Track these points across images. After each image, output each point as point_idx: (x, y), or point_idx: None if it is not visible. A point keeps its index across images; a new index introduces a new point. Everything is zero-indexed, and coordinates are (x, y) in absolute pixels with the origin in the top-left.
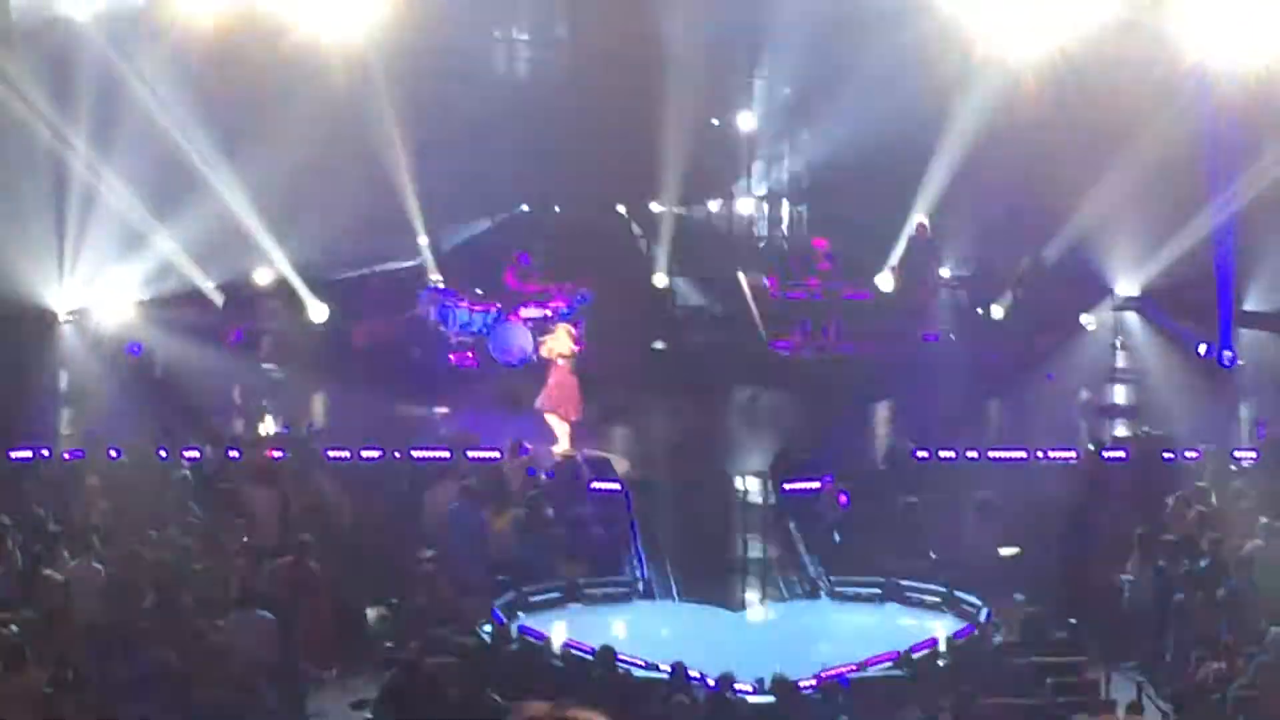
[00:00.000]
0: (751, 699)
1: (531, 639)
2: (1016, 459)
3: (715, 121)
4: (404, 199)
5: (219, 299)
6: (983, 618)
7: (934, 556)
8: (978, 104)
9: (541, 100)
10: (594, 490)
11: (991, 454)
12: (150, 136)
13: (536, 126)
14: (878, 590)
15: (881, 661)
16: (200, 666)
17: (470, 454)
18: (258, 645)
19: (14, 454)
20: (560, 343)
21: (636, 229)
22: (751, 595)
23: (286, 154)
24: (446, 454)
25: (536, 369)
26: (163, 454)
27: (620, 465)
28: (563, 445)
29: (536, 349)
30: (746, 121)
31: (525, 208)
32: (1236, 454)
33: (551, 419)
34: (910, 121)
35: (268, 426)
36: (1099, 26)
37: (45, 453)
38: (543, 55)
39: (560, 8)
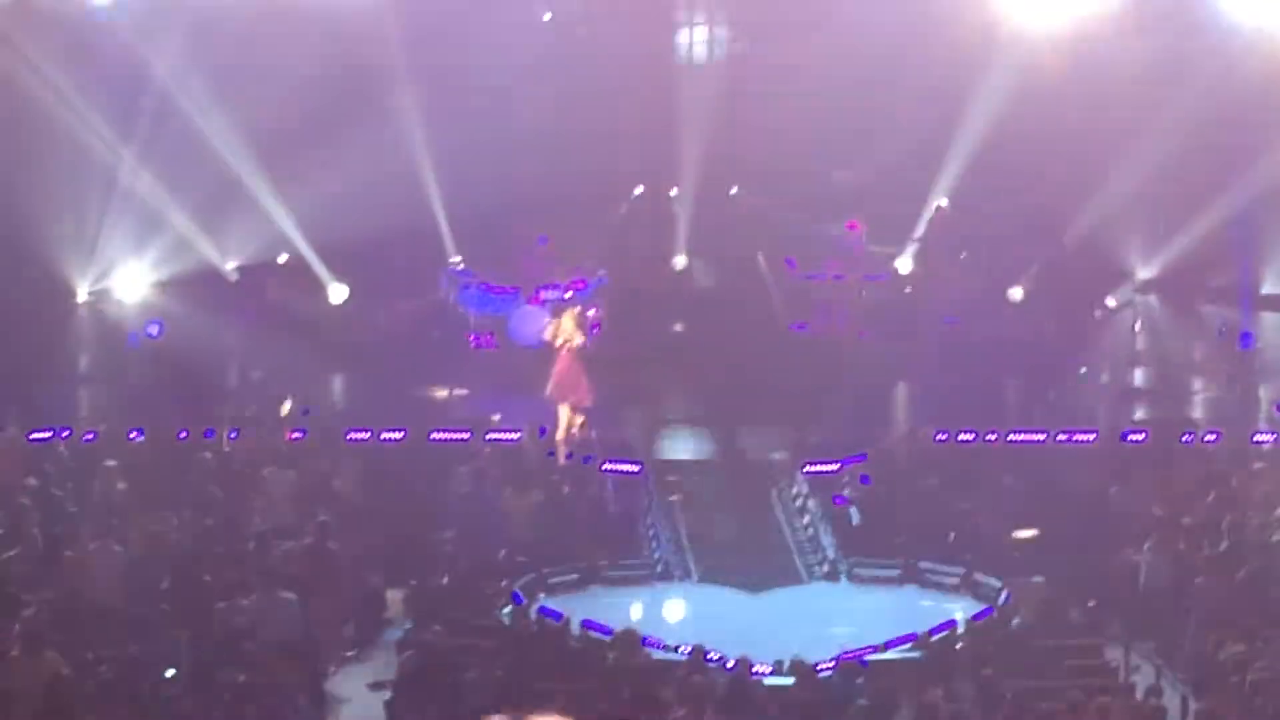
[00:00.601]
0: (770, 680)
1: (551, 620)
2: (1036, 441)
3: None
4: (424, 179)
5: (235, 278)
6: (1001, 600)
7: (952, 538)
8: (997, 84)
9: (562, 76)
10: (612, 472)
11: (1011, 436)
12: (169, 117)
13: (557, 103)
14: (896, 572)
15: (900, 643)
16: (220, 647)
17: (489, 435)
18: (278, 626)
19: (34, 435)
20: (566, 328)
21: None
22: (770, 577)
23: (306, 133)
24: (466, 435)
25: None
26: (182, 435)
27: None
28: (570, 432)
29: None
30: None
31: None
32: (1256, 437)
33: (562, 409)
34: (930, 103)
35: (286, 407)
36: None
37: (65, 434)
38: (565, 29)
39: None
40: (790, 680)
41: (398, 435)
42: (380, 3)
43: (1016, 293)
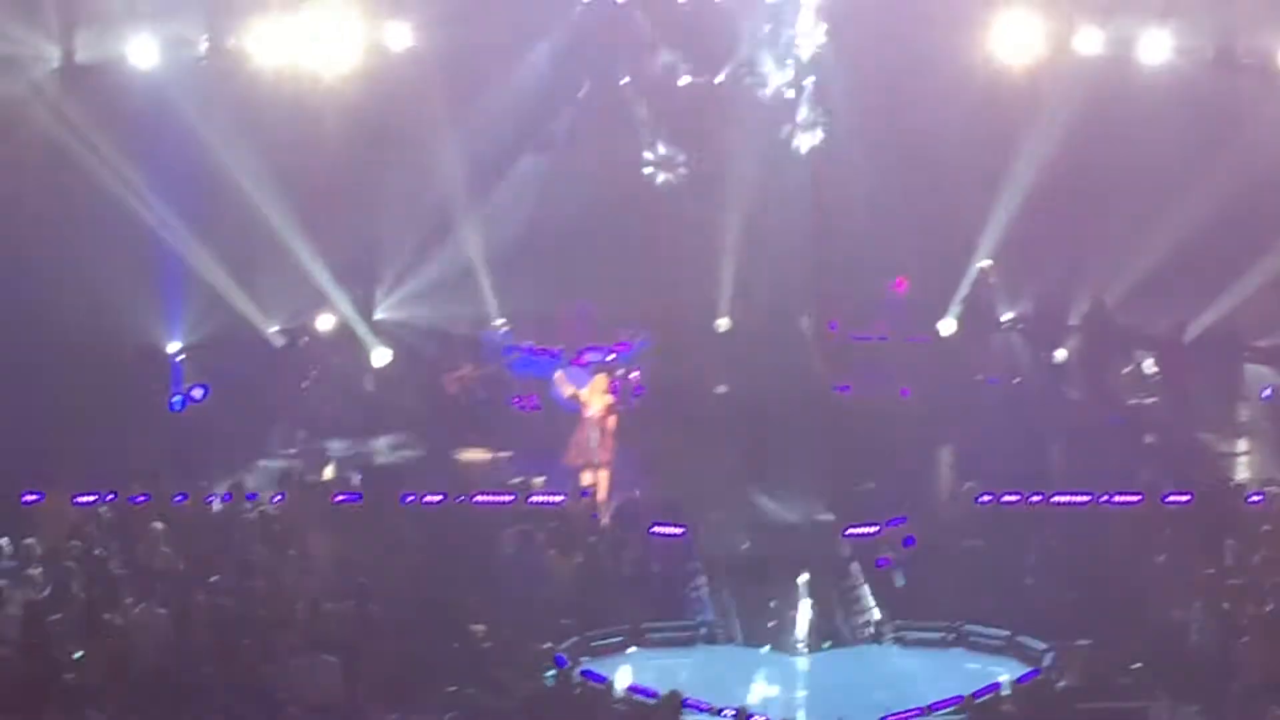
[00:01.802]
0: None
1: (594, 683)
2: (1080, 502)
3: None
4: (467, 242)
5: (280, 342)
6: (1047, 662)
7: (996, 599)
8: (1040, 145)
9: (605, 138)
10: (657, 533)
11: (1055, 498)
12: (213, 180)
13: (599, 166)
14: (941, 634)
15: (945, 706)
16: (263, 710)
17: (533, 498)
18: (321, 688)
19: (79, 498)
20: (594, 392)
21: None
22: (815, 639)
23: (349, 196)
24: (510, 497)
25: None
26: (226, 497)
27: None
28: (597, 496)
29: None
30: None
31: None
32: None
33: (586, 474)
34: (974, 164)
35: (329, 470)
36: (1165, 62)
37: (110, 496)
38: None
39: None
40: None
41: (441, 497)
42: (422, 63)
43: (1061, 353)
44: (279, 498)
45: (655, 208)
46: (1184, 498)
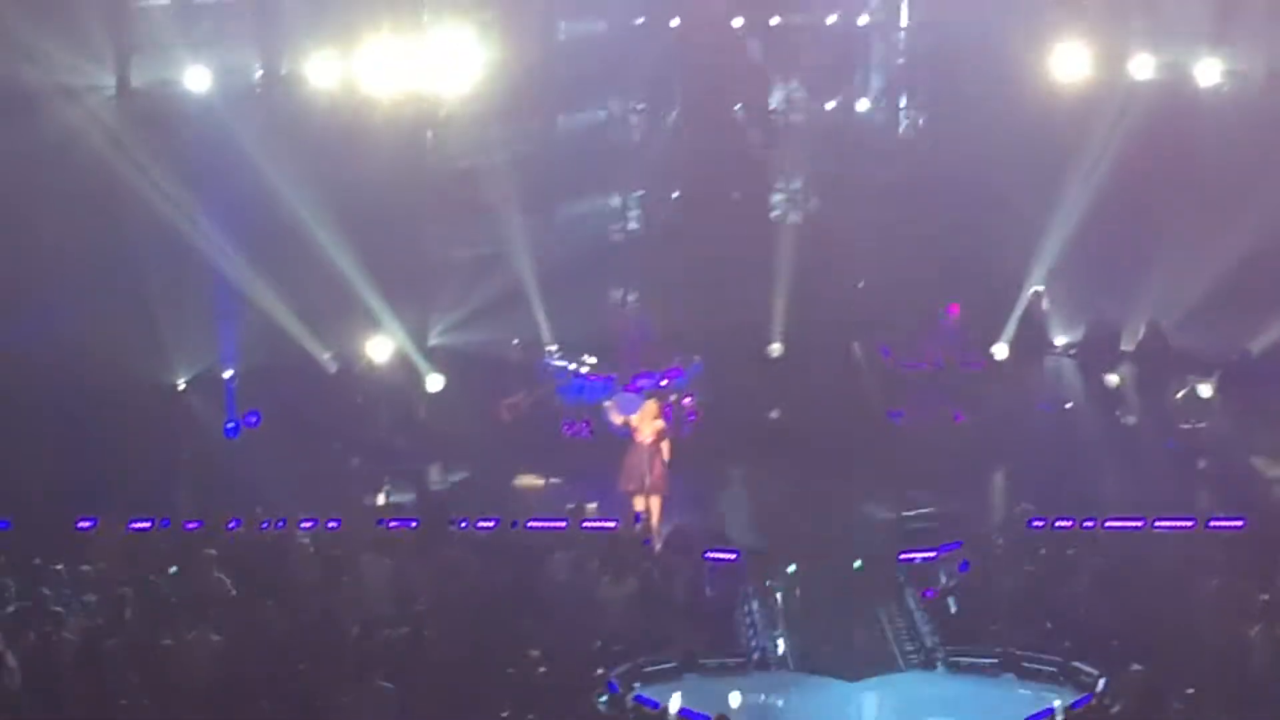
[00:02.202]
0: None
1: (647, 708)
2: (1133, 527)
3: None
4: (521, 268)
5: (334, 368)
6: (1100, 688)
7: (1050, 626)
8: (1092, 169)
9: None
10: (710, 559)
11: (1108, 523)
12: (267, 206)
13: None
14: (994, 660)
15: None
16: None
17: (586, 524)
18: (376, 715)
19: (134, 524)
20: (648, 418)
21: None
22: (867, 666)
23: (401, 222)
24: (562, 524)
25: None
26: (281, 523)
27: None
28: (650, 521)
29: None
30: None
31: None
32: None
33: (638, 500)
34: (1027, 188)
35: (382, 496)
36: (1218, 85)
37: (164, 523)
38: (656, 126)
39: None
40: None
41: (492, 524)
42: (475, 95)
43: (1114, 378)
44: (333, 524)
45: (709, 232)
46: (1238, 523)
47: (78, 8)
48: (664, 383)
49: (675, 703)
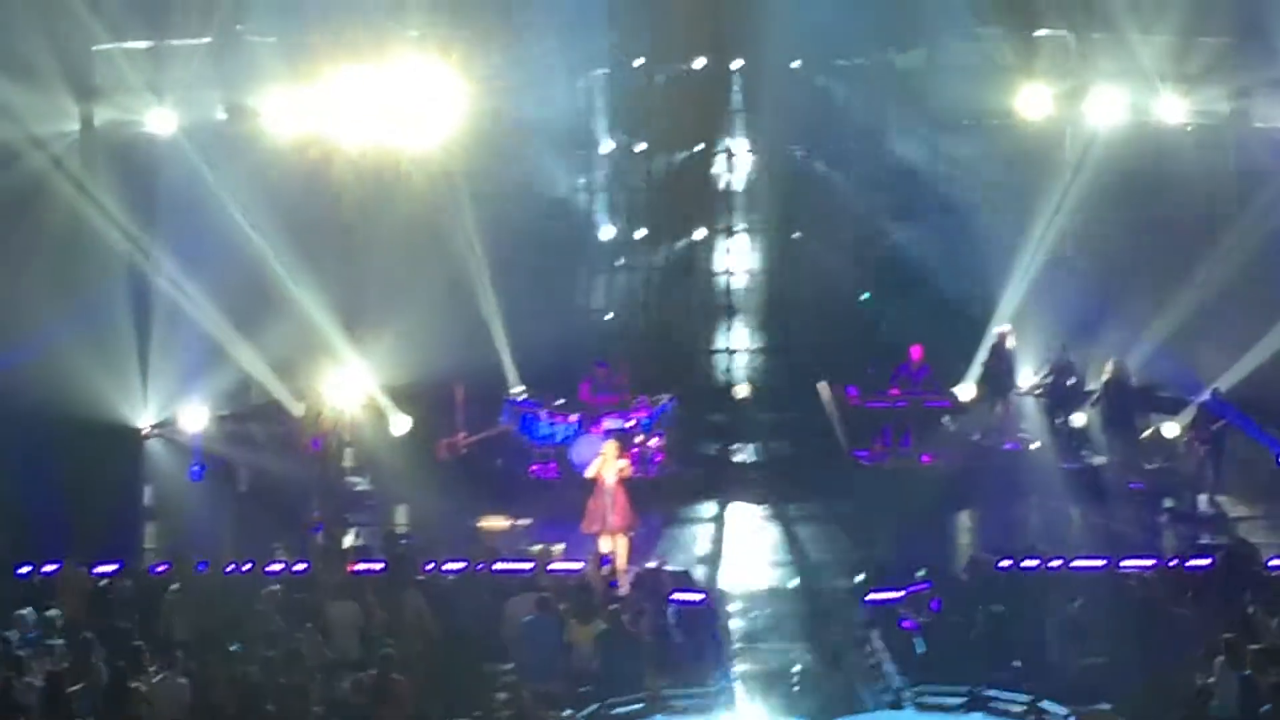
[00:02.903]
0: None
1: None
2: (1099, 568)
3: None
4: (485, 308)
5: (299, 410)
6: None
7: (1018, 665)
8: (1057, 205)
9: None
10: (677, 601)
11: (1074, 563)
12: (231, 250)
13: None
14: (962, 700)
15: None
16: None
17: (552, 566)
18: None
19: (99, 568)
20: (609, 460)
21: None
22: (835, 705)
23: (366, 266)
24: (529, 566)
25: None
26: (247, 567)
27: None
28: (616, 563)
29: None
30: None
31: (609, 316)
32: None
33: (603, 540)
34: (992, 226)
35: (350, 539)
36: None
37: (129, 567)
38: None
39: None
40: None
41: (460, 565)
42: (441, 139)
43: (1079, 419)
44: (301, 567)
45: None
46: (1204, 561)
47: (39, 51)
48: (630, 424)
49: None
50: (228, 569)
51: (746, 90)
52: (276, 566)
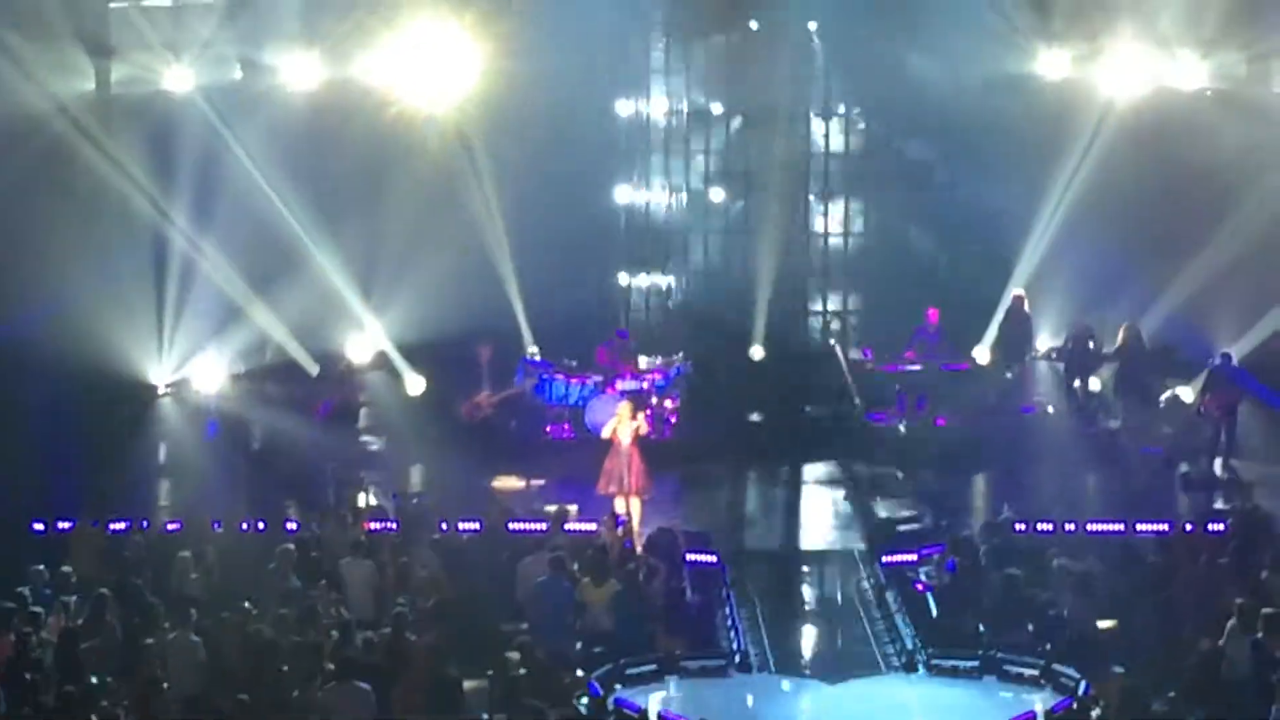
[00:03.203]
0: None
1: (628, 711)
2: (1114, 531)
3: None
4: (502, 269)
5: (315, 369)
6: (1081, 691)
7: (1031, 629)
8: (1075, 170)
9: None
10: (690, 562)
11: (1089, 527)
12: (248, 209)
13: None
14: (975, 663)
15: None
16: None
17: (566, 526)
18: (355, 717)
19: (113, 526)
20: (624, 421)
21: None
22: (847, 668)
23: (384, 225)
24: (543, 526)
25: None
26: (261, 526)
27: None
28: (631, 524)
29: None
30: None
31: (625, 278)
32: None
33: (617, 502)
34: (1009, 189)
35: (366, 498)
36: (1202, 87)
37: (144, 524)
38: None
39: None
40: None
41: (475, 526)
42: (459, 100)
43: (1095, 383)
44: (314, 526)
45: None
46: (1218, 526)
47: (55, 9)
48: (644, 385)
49: (656, 706)
50: (242, 527)
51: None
52: (291, 525)
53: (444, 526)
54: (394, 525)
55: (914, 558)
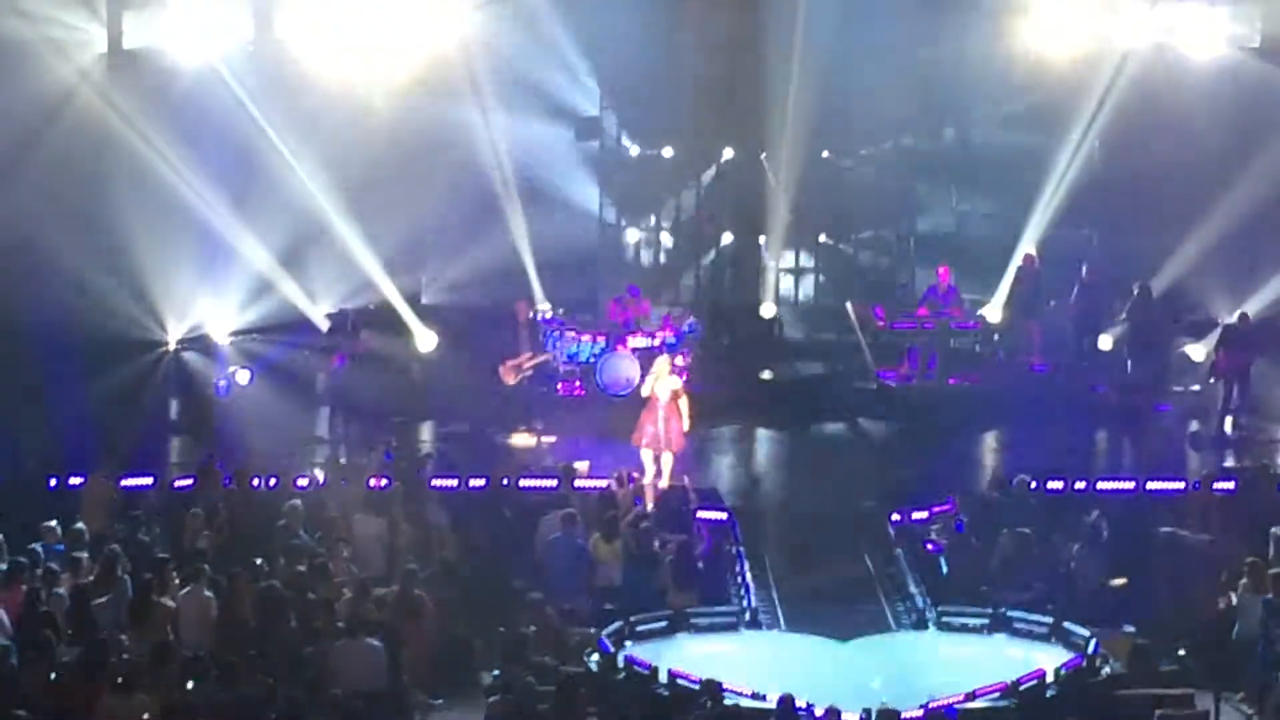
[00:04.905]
0: None
1: (638, 668)
2: (1125, 490)
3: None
4: (512, 225)
5: (326, 326)
6: (1091, 649)
7: (1042, 587)
8: (1085, 127)
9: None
10: (701, 519)
11: (1100, 485)
12: (259, 170)
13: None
14: (985, 621)
15: (989, 693)
16: (308, 694)
17: (577, 483)
18: (366, 673)
19: (125, 481)
20: (659, 373)
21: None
22: (858, 625)
23: (395, 182)
24: (554, 483)
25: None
26: (272, 481)
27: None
28: (661, 479)
29: (640, 382)
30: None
31: (634, 234)
32: None
33: (646, 454)
34: (1019, 146)
35: (375, 454)
36: (1212, 50)
37: (154, 480)
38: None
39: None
40: None
41: (483, 483)
42: (466, 46)
43: (1105, 341)
44: (324, 482)
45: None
46: (1229, 484)
47: None
48: (656, 342)
49: (666, 663)
50: (253, 483)
51: None
52: (303, 481)
53: (454, 483)
54: (405, 481)
55: (925, 515)
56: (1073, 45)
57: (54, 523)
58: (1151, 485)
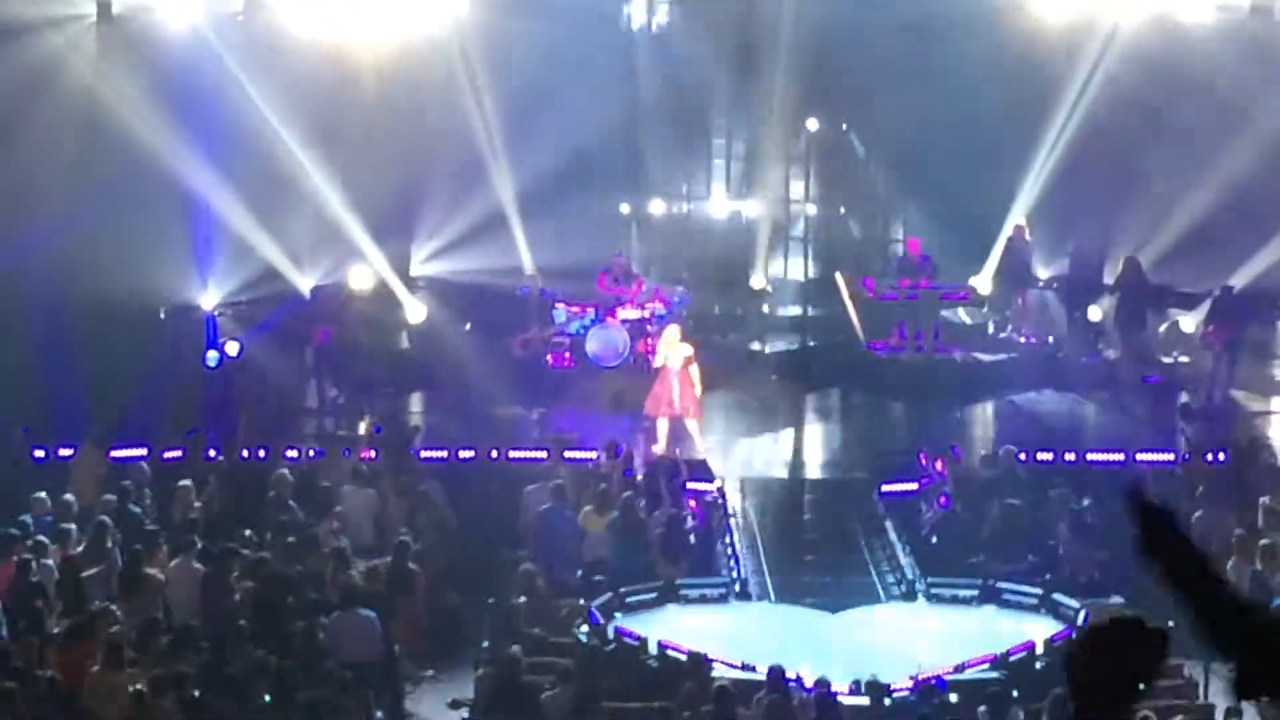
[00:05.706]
0: (847, 701)
1: (628, 640)
2: (1115, 462)
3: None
4: (501, 195)
5: (316, 298)
6: (1080, 620)
7: (1031, 558)
8: (1076, 99)
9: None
10: (691, 491)
11: (1090, 456)
12: (248, 134)
13: (636, 121)
14: (975, 592)
15: (979, 664)
16: (299, 666)
17: (567, 455)
18: (357, 644)
19: (114, 453)
20: (673, 346)
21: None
22: (848, 597)
23: (383, 152)
24: (543, 455)
25: (634, 370)
26: (261, 454)
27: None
28: (682, 448)
29: (635, 351)
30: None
31: (625, 207)
32: None
33: (662, 423)
34: (1008, 117)
35: (366, 426)
36: (1201, 19)
37: (145, 452)
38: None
39: None
40: (867, 701)
41: (472, 454)
42: (454, 23)
43: (1095, 313)
44: (315, 454)
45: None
46: (1219, 456)
47: None
48: (646, 314)
49: (656, 634)
50: (242, 454)
51: None
52: (293, 453)
53: (444, 455)
54: (395, 453)
55: (914, 487)
56: (1066, 10)
57: (43, 494)
58: (1141, 457)
